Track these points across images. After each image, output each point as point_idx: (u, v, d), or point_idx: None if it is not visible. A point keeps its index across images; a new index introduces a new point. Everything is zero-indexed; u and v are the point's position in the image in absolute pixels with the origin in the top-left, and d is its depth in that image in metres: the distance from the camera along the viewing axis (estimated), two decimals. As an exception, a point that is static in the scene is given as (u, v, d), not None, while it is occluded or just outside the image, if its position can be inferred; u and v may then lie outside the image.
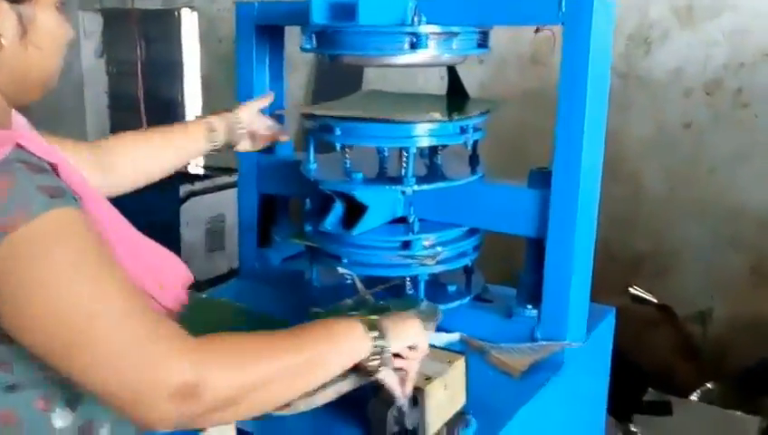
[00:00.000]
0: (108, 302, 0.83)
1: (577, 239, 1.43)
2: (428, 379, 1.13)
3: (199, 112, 4.64)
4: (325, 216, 1.47)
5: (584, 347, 1.52)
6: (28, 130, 1.00)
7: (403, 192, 1.48)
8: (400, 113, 1.47)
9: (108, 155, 1.29)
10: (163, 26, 4.68)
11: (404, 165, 1.47)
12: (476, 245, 1.60)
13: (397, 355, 1.05)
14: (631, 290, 2.90)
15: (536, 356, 1.43)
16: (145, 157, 1.36)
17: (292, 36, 1.72)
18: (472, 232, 1.59)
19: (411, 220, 1.53)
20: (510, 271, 1.64)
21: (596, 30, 1.34)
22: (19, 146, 0.86)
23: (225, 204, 3.63)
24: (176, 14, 4.62)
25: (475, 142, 1.56)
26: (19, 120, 1.01)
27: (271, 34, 1.77)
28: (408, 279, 1.55)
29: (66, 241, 0.83)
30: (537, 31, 1.49)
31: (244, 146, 1.54)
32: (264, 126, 1.55)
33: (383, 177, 1.56)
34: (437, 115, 1.43)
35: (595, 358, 1.65)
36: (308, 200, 1.60)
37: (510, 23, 1.76)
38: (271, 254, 1.85)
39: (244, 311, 1.61)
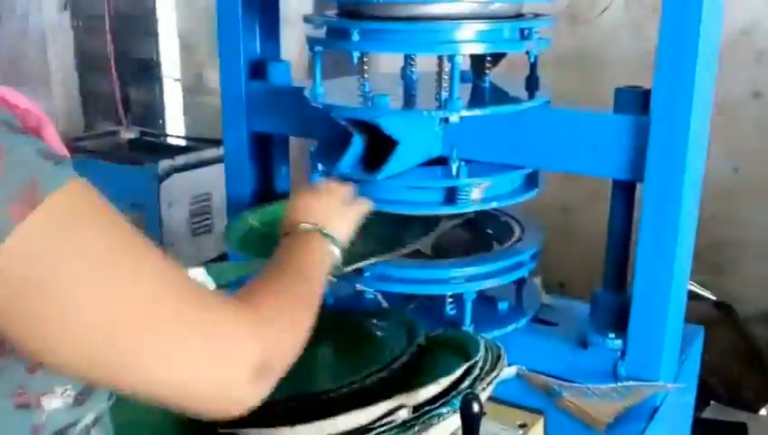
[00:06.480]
0: (166, 289, 0.69)
1: (680, 228, 1.10)
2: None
3: (178, 75, 4.23)
4: (339, 155, 1.11)
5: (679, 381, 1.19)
6: None
7: (446, 120, 1.10)
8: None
9: None
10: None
11: (445, 83, 1.09)
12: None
13: None
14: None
15: (624, 403, 1.09)
16: None
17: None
18: (531, 181, 1.24)
19: (454, 163, 1.16)
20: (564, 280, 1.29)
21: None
22: None
23: (212, 181, 3.17)
24: (146, -42, 4.18)
25: (536, 59, 1.20)
26: None
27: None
28: (451, 297, 1.20)
29: (97, 221, 0.66)
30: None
31: None
32: None
33: (416, 103, 1.20)
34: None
35: (686, 391, 1.31)
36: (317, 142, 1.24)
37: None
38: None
39: None
